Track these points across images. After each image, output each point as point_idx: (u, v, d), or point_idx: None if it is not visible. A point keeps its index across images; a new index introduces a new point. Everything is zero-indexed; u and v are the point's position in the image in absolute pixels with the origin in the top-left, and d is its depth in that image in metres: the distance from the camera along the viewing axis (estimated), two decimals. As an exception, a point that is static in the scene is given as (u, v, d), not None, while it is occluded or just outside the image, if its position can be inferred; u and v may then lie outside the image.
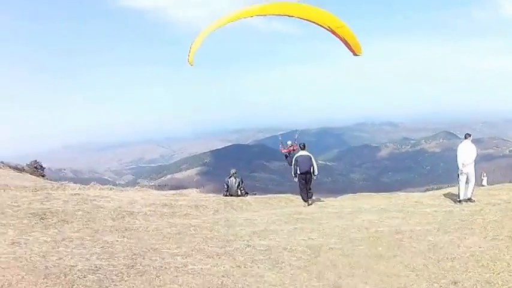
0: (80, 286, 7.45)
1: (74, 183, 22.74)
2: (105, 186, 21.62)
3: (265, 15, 11.03)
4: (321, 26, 10.91)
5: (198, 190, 21.82)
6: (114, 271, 8.10)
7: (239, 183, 19.55)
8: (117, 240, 10.17)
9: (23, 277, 7.77)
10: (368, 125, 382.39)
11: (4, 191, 19.13)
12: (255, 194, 21.22)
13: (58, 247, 9.67)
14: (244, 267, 8.69)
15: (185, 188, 24.01)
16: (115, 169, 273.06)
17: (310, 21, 10.90)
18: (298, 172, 16.42)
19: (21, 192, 18.17)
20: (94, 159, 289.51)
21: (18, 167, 48.76)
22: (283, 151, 20.62)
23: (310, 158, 16.54)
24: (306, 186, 16.55)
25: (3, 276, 7.82)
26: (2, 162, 50.42)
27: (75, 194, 16.59)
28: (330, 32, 10.97)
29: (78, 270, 8.12)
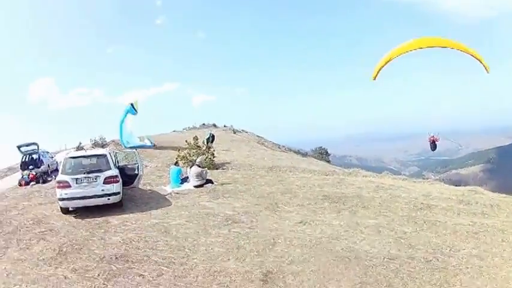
0: (375, 273, 7.63)
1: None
2: (399, 177, 21.59)
3: (428, 47, 13.32)
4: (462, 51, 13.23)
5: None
6: (411, 263, 8.06)
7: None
8: (414, 232, 10.02)
9: (309, 255, 8.46)
10: None
11: (291, 171, 21.17)
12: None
13: (351, 231, 10.06)
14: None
15: (467, 185, 22.20)
16: (401, 160, 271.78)
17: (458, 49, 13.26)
18: None
19: (309, 175, 19.73)
20: (380, 148, 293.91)
21: (301, 151, 53.29)
22: None
23: None
24: None
25: (286, 252, 8.67)
26: (284, 146, 56.07)
27: (369, 182, 17.05)
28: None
29: (373, 256, 8.32)
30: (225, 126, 65.03)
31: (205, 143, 27.44)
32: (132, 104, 32.07)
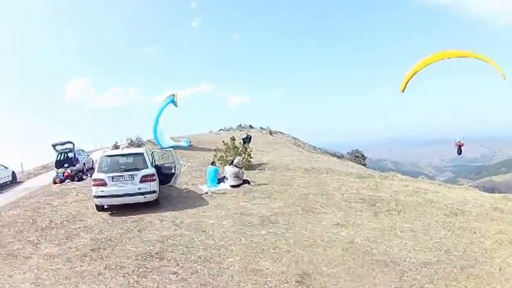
0: (410, 278, 7.56)
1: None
2: (434, 182, 21.22)
3: (450, 57, 14.10)
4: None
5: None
6: (445, 269, 7.94)
7: None
8: (450, 238, 9.87)
9: (344, 258, 8.40)
10: None
11: (327, 173, 20.95)
12: None
13: (387, 235, 10.00)
14: None
15: (500, 192, 21.50)
16: (436, 165, 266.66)
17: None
18: None
19: (346, 177, 19.52)
20: (416, 153, 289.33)
21: (337, 154, 52.79)
22: None
23: None
24: None
25: (322, 254, 8.65)
26: (320, 149, 55.71)
27: (405, 186, 16.86)
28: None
29: (409, 261, 8.23)
30: (261, 127, 65.08)
31: (242, 144, 27.44)
32: (173, 95, 32.21)
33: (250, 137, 32.88)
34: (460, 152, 19.08)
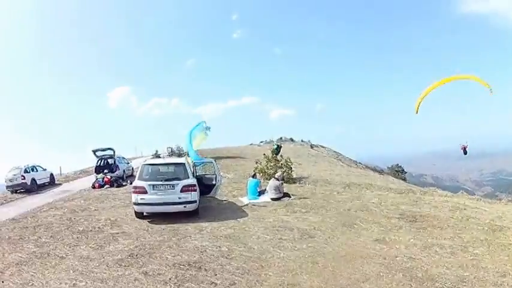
0: None
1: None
2: (473, 197, 20.49)
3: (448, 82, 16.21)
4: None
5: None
6: (482, 286, 7.67)
7: None
8: (487, 254, 9.53)
9: (383, 274, 8.22)
10: None
11: (367, 188, 20.52)
12: None
13: (426, 252, 9.75)
14: None
15: None
16: (475, 179, 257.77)
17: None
18: None
19: (386, 192, 19.10)
20: (456, 167, 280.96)
21: (377, 168, 51.86)
22: None
23: None
24: None
25: (360, 269, 8.48)
26: (360, 163, 54.86)
27: (445, 201, 16.47)
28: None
29: (447, 278, 7.98)
30: (302, 141, 64.84)
31: (272, 155, 27.34)
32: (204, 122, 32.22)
33: (280, 146, 32.68)
34: (465, 153, 19.81)
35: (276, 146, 31.49)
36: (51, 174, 26.76)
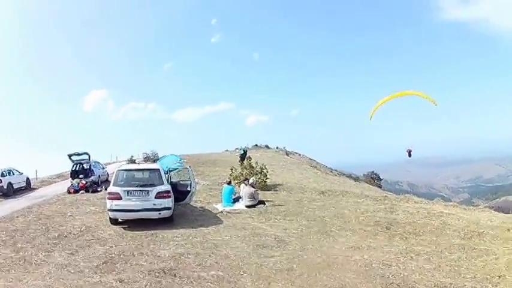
0: None
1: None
2: (449, 204, 20.88)
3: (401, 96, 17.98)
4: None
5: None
6: None
7: None
8: (464, 260, 9.62)
9: (359, 281, 8.20)
10: None
11: (343, 196, 20.75)
12: None
13: (402, 258, 9.76)
14: None
15: None
16: (452, 186, 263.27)
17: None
18: None
19: (361, 200, 19.34)
20: (432, 174, 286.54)
21: (353, 175, 52.55)
22: None
23: None
24: None
25: (336, 277, 8.43)
26: (336, 170, 55.59)
27: (420, 208, 16.65)
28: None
29: (424, 284, 7.99)
30: (277, 147, 65.18)
31: (240, 159, 27.42)
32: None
33: (246, 150, 32.78)
34: (409, 155, 21.02)
35: (242, 152, 31.65)
36: (28, 179, 26.25)
